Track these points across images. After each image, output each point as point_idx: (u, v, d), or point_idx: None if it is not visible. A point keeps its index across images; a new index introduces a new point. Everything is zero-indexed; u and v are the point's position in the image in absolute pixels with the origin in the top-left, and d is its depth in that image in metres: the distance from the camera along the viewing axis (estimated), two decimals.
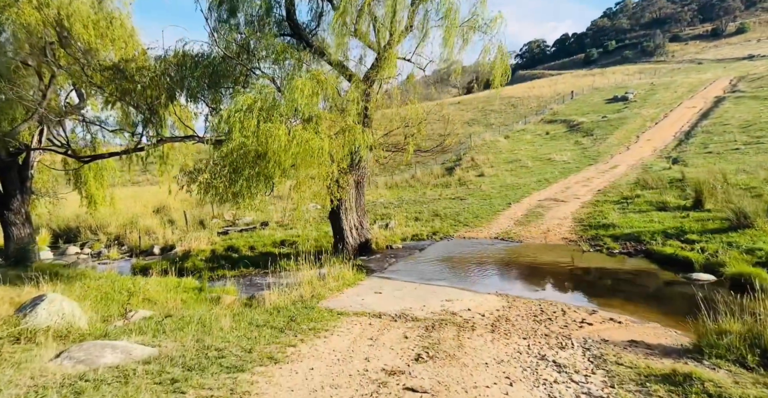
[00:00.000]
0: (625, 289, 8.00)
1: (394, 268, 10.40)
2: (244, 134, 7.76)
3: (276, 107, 8.24)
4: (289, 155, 7.90)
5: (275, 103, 8.28)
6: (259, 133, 7.82)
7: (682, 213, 12.21)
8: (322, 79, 8.61)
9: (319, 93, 8.51)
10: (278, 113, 8.23)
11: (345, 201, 12.31)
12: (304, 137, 8.08)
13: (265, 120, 7.98)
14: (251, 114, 7.92)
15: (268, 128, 7.76)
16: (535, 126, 38.64)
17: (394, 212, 17.14)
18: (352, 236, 12.78)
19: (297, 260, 10.79)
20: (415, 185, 25.49)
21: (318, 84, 8.56)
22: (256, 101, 7.89)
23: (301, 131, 8.23)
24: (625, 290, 7.91)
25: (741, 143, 22.91)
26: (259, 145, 7.81)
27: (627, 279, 8.55)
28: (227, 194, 8.27)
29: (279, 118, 8.16)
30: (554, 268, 9.61)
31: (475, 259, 10.75)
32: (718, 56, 77.87)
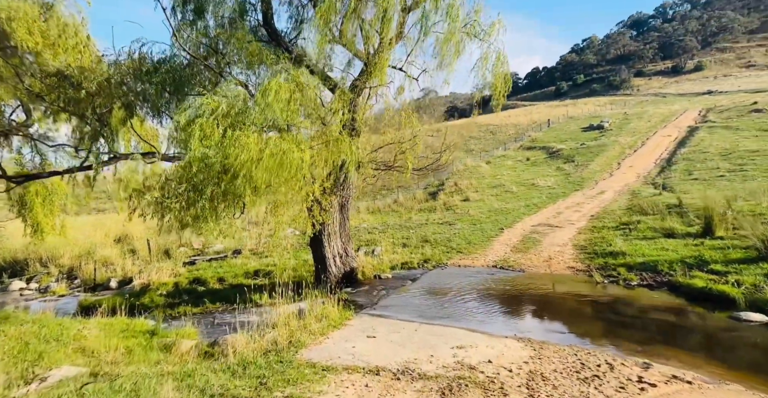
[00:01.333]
0: (666, 332, 6.59)
1: (386, 303, 8.78)
2: (206, 144, 6.21)
3: (247, 113, 6.75)
4: (262, 169, 6.36)
5: (246, 108, 6.79)
6: (225, 143, 6.27)
7: (695, 241, 11.05)
8: (302, 83, 7.19)
9: (298, 99, 7.07)
10: (250, 120, 6.73)
11: (328, 226, 10.74)
12: (280, 147, 6.57)
13: (233, 128, 6.46)
14: (216, 121, 6.39)
15: (236, 136, 6.23)
16: (515, 152, 38.08)
17: (379, 238, 15.58)
18: (336, 265, 11.15)
19: (272, 294, 9.18)
20: (398, 209, 24.06)
21: (297, 88, 7.13)
22: (220, 105, 6.37)
23: (277, 140, 6.72)
24: (668, 334, 6.49)
25: (725, 171, 22.43)
26: (224, 157, 6.25)
27: (663, 319, 7.12)
28: (186, 217, 6.61)
29: (251, 126, 6.66)
30: (571, 303, 8.17)
31: (477, 291, 9.24)
32: (680, 91, 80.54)
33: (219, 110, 6.26)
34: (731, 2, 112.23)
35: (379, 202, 27.82)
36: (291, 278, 12.05)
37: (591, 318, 7.33)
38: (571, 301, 8.27)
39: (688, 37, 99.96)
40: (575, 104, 67.49)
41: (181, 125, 6.21)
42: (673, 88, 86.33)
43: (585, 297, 8.40)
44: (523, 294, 8.89)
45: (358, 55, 9.62)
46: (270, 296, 9.66)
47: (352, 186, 11.06)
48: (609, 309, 7.76)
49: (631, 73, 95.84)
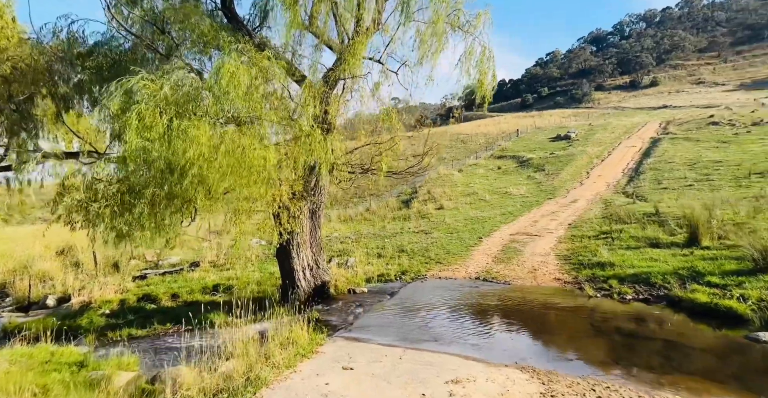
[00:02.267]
0: (684, 356, 5.75)
1: (363, 322, 7.65)
2: (147, 136, 4.98)
3: (198, 102, 5.57)
4: (216, 168, 5.19)
5: (197, 95, 5.61)
6: (171, 136, 5.06)
7: (683, 251, 10.46)
8: (265, 67, 6.07)
9: (260, 86, 5.94)
10: (202, 110, 5.56)
11: (297, 234, 9.56)
12: (238, 143, 5.41)
13: (180, 118, 5.26)
14: (159, 109, 5.18)
15: (183, 127, 5.03)
16: (486, 161, 37.79)
17: (353, 248, 14.44)
18: (306, 279, 9.96)
19: (232, 313, 7.95)
20: (371, 218, 22.97)
21: (260, 73, 6.00)
22: (162, 87, 5.15)
23: (235, 134, 5.55)
24: (687, 359, 5.65)
25: (692, 180, 22.53)
26: (171, 153, 5.03)
27: (673, 340, 6.29)
28: (120, 225, 5.33)
29: (204, 118, 5.47)
30: (567, 321, 7.29)
31: (464, 307, 8.25)
32: (638, 105, 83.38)
33: (161, 94, 5.05)
34: (682, 22, 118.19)
35: (351, 210, 26.69)
36: (254, 293, 10.77)
37: (594, 339, 6.43)
38: (567, 318, 7.38)
39: (644, 53, 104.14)
40: (541, 116, 68.56)
41: (114, 111, 4.96)
42: (631, 102, 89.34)
43: (581, 314, 7.54)
44: (513, 310, 7.95)
45: (331, 45, 8.57)
46: (229, 316, 8.41)
47: (325, 191, 9.94)
48: (611, 327, 6.89)
49: (592, 87, 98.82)
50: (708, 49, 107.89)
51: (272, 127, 6.59)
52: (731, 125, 36.28)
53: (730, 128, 35.44)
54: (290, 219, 9.06)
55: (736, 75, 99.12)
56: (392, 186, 34.98)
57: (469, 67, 8.57)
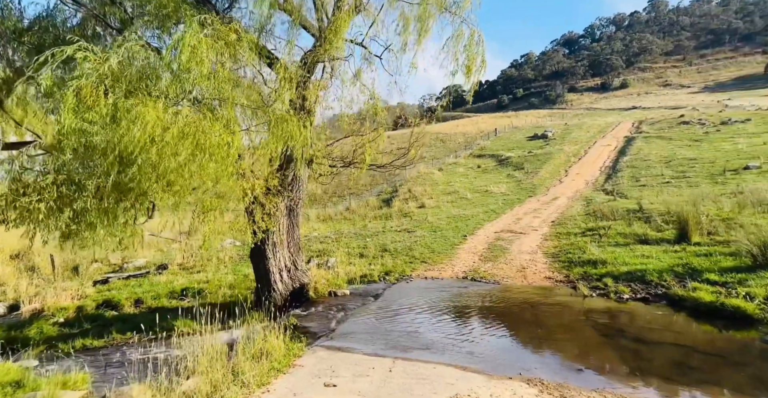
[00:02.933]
0: (698, 362, 5.21)
1: (346, 329, 6.89)
2: (89, 117, 4.12)
3: (154, 80, 4.73)
4: (170, 154, 4.34)
5: (154, 74, 4.77)
6: (117, 116, 4.21)
7: (674, 247, 10.06)
8: (233, 42, 5.25)
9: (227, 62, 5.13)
10: (158, 89, 4.72)
11: (273, 233, 8.75)
12: (197, 126, 4.59)
13: (131, 97, 4.41)
14: (104, 87, 4.33)
15: (127, 106, 4.19)
16: (466, 160, 37.48)
17: (333, 248, 13.66)
18: (283, 281, 9.15)
19: (200, 319, 7.09)
20: (351, 217, 22.19)
21: (227, 48, 5.19)
22: (108, 60, 4.28)
23: (194, 116, 4.73)
24: (704, 366, 5.11)
25: (669, 177, 22.55)
26: (118, 136, 4.18)
27: (684, 344, 5.76)
28: (60, 222, 4.44)
29: (160, 99, 4.64)
30: (567, 323, 6.71)
31: (453, 310, 7.59)
32: (609, 106, 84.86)
33: (105, 67, 4.18)
34: (649, 26, 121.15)
35: (331, 209, 25.86)
36: (227, 298, 9.92)
37: (600, 345, 5.85)
38: (565, 320, 6.81)
39: (614, 56, 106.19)
40: (517, 116, 68.93)
41: (46, 88, 4.08)
42: (602, 103, 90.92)
43: (579, 316, 6.98)
44: (506, 312, 7.34)
45: (307, 26, 7.78)
46: (198, 322, 7.55)
47: (303, 186, 9.14)
48: (613, 331, 6.33)
49: (565, 89, 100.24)
50: (674, 52, 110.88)
51: (243, 113, 5.77)
52: (701, 124, 36.90)
53: (700, 127, 36.02)
54: (265, 217, 8.25)
55: (701, 78, 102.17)
56: (372, 185, 34.27)
57: (456, 52, 7.89)
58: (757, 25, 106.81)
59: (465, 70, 8.01)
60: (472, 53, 7.94)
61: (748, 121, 35.24)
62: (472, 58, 7.97)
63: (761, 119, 35.52)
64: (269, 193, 8.35)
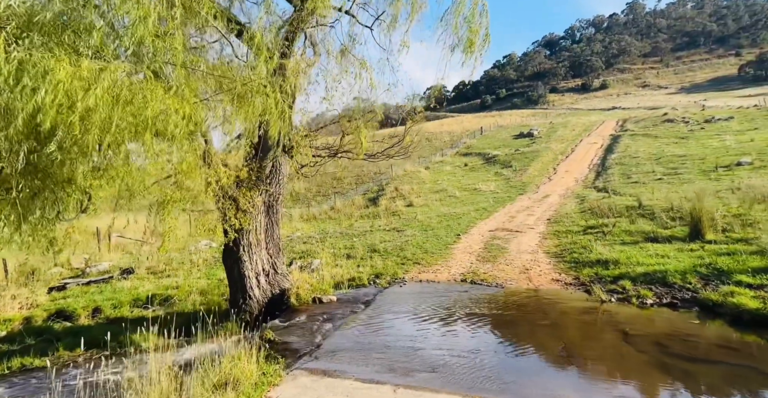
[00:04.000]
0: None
1: (333, 344, 5.81)
2: None
3: (80, 32, 3.59)
4: (100, 126, 3.21)
5: (78, 21, 3.62)
6: (22, 75, 3.07)
7: (689, 246, 9.25)
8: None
9: (179, 11, 4.01)
10: (87, 44, 3.58)
11: (249, 233, 7.62)
12: (137, 88, 3.47)
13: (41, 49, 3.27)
14: (6, 37, 3.18)
15: (33, 61, 3.05)
16: (452, 158, 36.75)
17: (317, 248, 12.54)
18: (260, 287, 8.03)
19: (164, 332, 6.01)
20: (336, 216, 21.09)
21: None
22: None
23: (131, 79, 3.59)
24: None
25: (661, 174, 22.03)
26: (22, 102, 3.02)
27: (747, 366, 4.81)
28: None
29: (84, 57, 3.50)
30: (593, 336, 5.76)
31: (457, 318, 6.58)
32: (590, 107, 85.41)
33: (3, 5, 3.04)
34: (627, 28, 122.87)
35: (315, 209, 24.71)
36: (197, 305, 8.75)
37: (642, 365, 4.82)
38: (589, 331, 5.86)
39: (594, 57, 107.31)
40: (501, 115, 68.64)
41: None
42: (583, 104, 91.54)
43: (602, 325, 6.05)
44: (518, 322, 6.36)
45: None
46: (160, 336, 6.43)
47: (283, 179, 8.03)
48: (652, 345, 5.33)
49: (547, 89, 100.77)
50: (651, 54, 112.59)
51: (205, 82, 4.64)
52: (685, 123, 36.84)
53: (684, 125, 35.92)
54: (239, 214, 7.13)
55: (677, 79, 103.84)
56: (357, 184, 33.19)
57: (456, 24, 6.87)
58: (730, 28, 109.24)
59: (466, 44, 6.98)
60: (475, 25, 6.93)
61: (731, 119, 35.28)
62: (475, 30, 6.96)
63: (743, 117, 35.61)
64: (243, 186, 7.24)
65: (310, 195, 30.77)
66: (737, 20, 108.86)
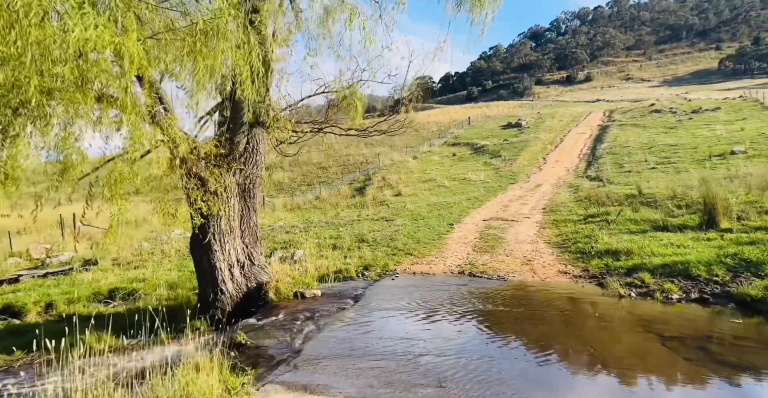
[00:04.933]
0: None
1: (316, 350, 4.87)
2: None
3: None
4: None
5: None
6: None
7: (706, 234, 8.48)
8: None
9: None
10: None
11: (220, 219, 6.61)
12: None
13: None
14: None
15: None
16: (440, 148, 35.92)
17: (301, 238, 11.57)
18: (234, 280, 7.05)
19: (122, 333, 5.10)
20: (322, 206, 20.09)
21: None
22: None
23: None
24: None
25: (654, 163, 21.52)
26: None
27: None
28: None
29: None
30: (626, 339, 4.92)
31: (460, 317, 5.71)
32: (575, 99, 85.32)
33: None
34: (612, 21, 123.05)
35: (299, 198, 23.65)
36: (164, 300, 7.76)
37: (697, 376, 4.01)
38: (619, 334, 5.03)
39: (579, 50, 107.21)
40: (488, 107, 67.90)
41: None
42: (568, 96, 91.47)
43: (631, 325, 5.24)
44: (531, 320, 5.51)
45: None
46: (119, 335, 5.55)
47: (261, 158, 7.01)
48: (697, 350, 4.47)
49: (533, 82, 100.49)
50: (635, 47, 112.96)
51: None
52: (673, 113, 36.56)
53: (672, 116, 35.62)
54: (207, 196, 6.11)
55: (660, 72, 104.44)
56: (343, 174, 32.13)
57: None
58: (711, 21, 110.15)
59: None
60: None
61: (718, 109, 35.09)
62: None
63: (730, 108, 35.46)
64: (211, 163, 6.22)
65: (294, 185, 29.64)
66: (718, 14, 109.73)
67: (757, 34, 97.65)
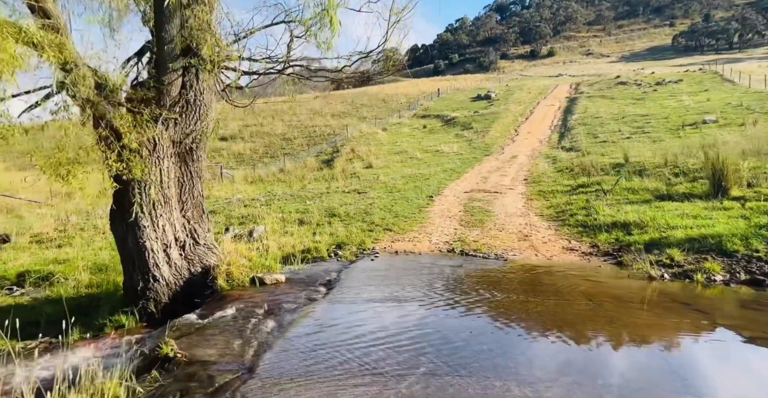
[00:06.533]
0: None
1: (274, 367, 3.42)
2: None
3: None
4: None
5: None
6: None
7: (721, 203, 7.39)
8: None
9: None
10: None
11: (147, 186, 4.94)
12: None
13: None
14: None
15: None
16: (410, 120, 34.38)
17: (261, 212, 9.94)
18: (171, 264, 5.47)
19: (18, 332, 3.47)
20: (287, 179, 18.35)
21: None
22: None
23: None
24: None
25: (628, 133, 20.89)
26: None
27: None
28: None
29: None
30: (707, 343, 3.76)
31: (463, 309, 4.39)
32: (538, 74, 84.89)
33: None
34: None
35: (262, 171, 21.74)
36: (84, 288, 6.09)
37: None
38: (694, 334, 3.84)
39: (543, 24, 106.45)
40: (456, 79, 66.36)
41: None
42: (532, 71, 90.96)
43: (695, 319, 4.07)
44: (561, 314, 4.25)
45: None
46: (15, 336, 4.04)
47: (206, 110, 5.31)
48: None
49: (498, 55, 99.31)
50: (595, 22, 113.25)
51: None
52: (638, 85, 36.33)
53: (637, 88, 35.36)
54: (128, 155, 4.44)
55: (618, 48, 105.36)
56: (309, 145, 30.13)
57: None
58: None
59: None
60: None
61: (680, 81, 35.08)
62: None
63: (692, 80, 35.54)
64: (131, 111, 4.51)
65: (256, 157, 27.47)
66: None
67: (708, 11, 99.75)
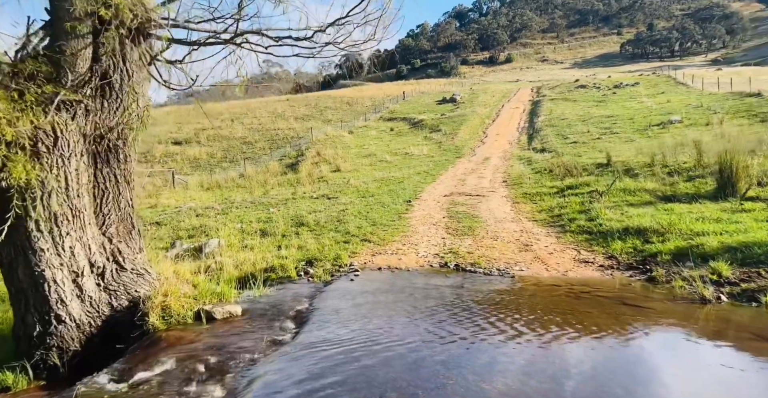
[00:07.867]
0: None
1: None
2: None
3: None
4: None
5: None
6: None
7: (740, 205, 6.58)
8: None
9: None
10: None
11: (46, 195, 3.48)
12: None
13: None
14: None
15: None
16: (376, 123, 33.37)
17: (216, 223, 8.45)
18: (84, 299, 4.02)
19: None
20: (248, 184, 16.74)
21: None
22: None
23: None
24: None
25: (598, 134, 20.67)
26: None
27: None
28: None
29: None
30: None
31: (490, 360, 3.24)
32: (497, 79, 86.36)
33: None
34: (529, 3, 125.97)
35: (219, 176, 19.94)
36: None
37: None
38: None
39: (500, 31, 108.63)
40: (419, 83, 66.10)
41: None
42: (491, 76, 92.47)
43: None
44: (624, 362, 3.18)
45: None
46: None
47: (130, 93, 3.92)
48: None
49: (458, 61, 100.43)
50: (549, 29, 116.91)
51: None
52: (597, 88, 36.93)
53: (597, 91, 35.93)
54: (5, 151, 3.01)
55: (571, 54, 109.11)
56: (271, 149, 28.41)
57: None
58: (613, 8, 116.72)
59: None
60: None
61: (637, 84, 35.94)
62: None
63: (648, 83, 36.56)
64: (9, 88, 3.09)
65: (214, 161, 25.55)
66: (618, 1, 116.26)
67: (651, 21, 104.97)
